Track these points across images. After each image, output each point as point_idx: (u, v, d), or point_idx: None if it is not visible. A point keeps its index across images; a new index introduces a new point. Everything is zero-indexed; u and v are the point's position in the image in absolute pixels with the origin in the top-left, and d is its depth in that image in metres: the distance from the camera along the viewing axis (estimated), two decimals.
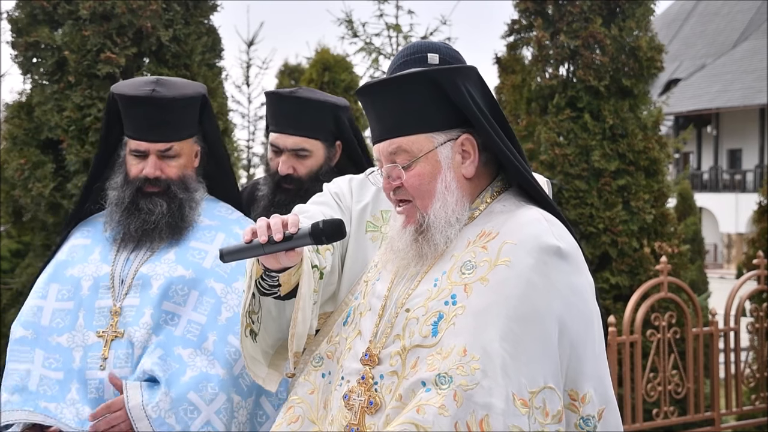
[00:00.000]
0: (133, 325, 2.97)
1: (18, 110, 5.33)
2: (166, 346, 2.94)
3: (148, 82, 3.07)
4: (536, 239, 2.13)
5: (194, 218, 3.10)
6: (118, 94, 3.07)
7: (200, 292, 3.01)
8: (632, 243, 6.51)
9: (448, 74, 2.19)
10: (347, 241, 2.72)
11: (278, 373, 2.62)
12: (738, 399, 6.32)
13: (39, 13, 5.20)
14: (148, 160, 3.05)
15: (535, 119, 6.81)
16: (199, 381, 2.91)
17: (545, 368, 2.06)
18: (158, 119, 3.03)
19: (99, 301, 3.03)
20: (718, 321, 6.24)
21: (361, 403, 2.21)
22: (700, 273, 13.73)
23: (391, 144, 2.22)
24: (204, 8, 5.42)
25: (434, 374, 2.06)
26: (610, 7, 6.73)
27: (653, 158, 6.68)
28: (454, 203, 2.20)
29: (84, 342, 3.01)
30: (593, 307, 2.22)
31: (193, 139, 3.15)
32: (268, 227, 2.23)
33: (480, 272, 2.13)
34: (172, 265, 3.03)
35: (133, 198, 3.06)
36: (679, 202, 16.36)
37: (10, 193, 5.30)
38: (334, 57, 9.70)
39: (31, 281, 5.33)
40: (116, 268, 3.06)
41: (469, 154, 2.22)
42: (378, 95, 2.23)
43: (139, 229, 3.05)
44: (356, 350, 2.29)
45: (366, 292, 2.39)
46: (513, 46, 7.09)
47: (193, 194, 3.12)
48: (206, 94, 3.15)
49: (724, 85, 34.28)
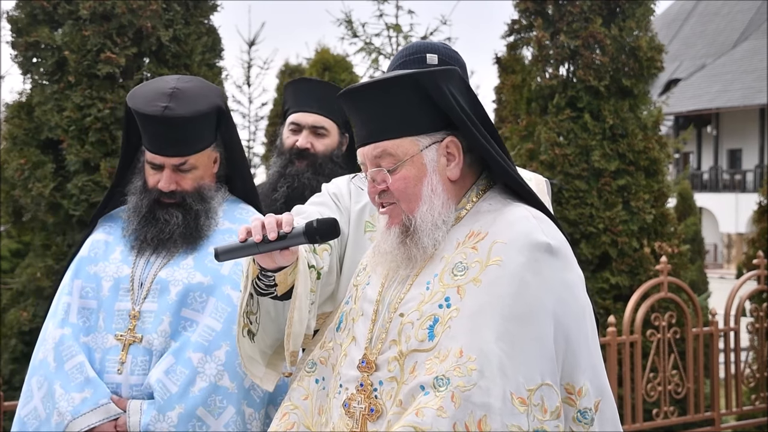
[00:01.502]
0: (151, 332, 2.96)
1: (18, 110, 5.33)
2: (179, 352, 2.93)
3: (163, 95, 3.00)
4: (526, 237, 2.14)
5: (211, 226, 3.09)
6: (132, 108, 3.03)
7: (217, 299, 3.00)
8: (632, 243, 6.51)
9: (431, 77, 2.18)
10: (346, 241, 2.73)
11: (276, 373, 2.62)
12: (738, 399, 6.32)
13: (39, 13, 5.21)
14: (163, 174, 3.03)
15: (535, 119, 6.82)
16: (208, 395, 2.90)
17: (542, 365, 2.07)
18: (171, 137, 3.00)
19: (119, 304, 3.02)
20: (718, 321, 6.24)
21: (362, 410, 2.20)
22: (700, 273, 13.73)
23: (376, 148, 2.21)
24: (204, 8, 5.43)
25: (432, 377, 2.07)
26: (610, 7, 6.73)
27: (653, 158, 6.68)
28: (440, 206, 2.20)
29: (103, 344, 3.00)
30: (584, 300, 2.23)
31: (210, 147, 3.10)
32: (262, 226, 2.23)
33: (472, 273, 2.13)
34: (191, 271, 3.02)
35: (150, 208, 3.05)
36: (679, 202, 16.36)
37: (10, 193, 5.30)
38: (334, 57, 9.70)
39: (31, 281, 5.38)
40: (136, 270, 3.05)
41: (453, 156, 2.23)
42: (362, 99, 2.22)
43: (155, 238, 3.04)
44: (352, 357, 2.27)
45: (357, 297, 2.38)
46: (513, 46, 7.09)
47: (210, 203, 3.09)
48: (223, 105, 3.09)
49: (724, 85, 34.28)
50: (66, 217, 5.27)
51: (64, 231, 5.33)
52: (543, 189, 2.81)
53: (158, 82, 3.11)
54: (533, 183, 2.79)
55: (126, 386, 2.96)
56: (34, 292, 5.34)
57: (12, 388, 5.18)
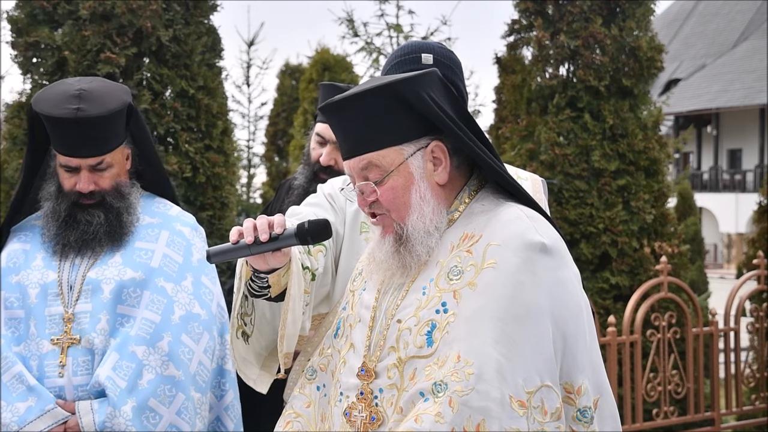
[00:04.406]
0: (90, 331, 2.98)
1: (18, 110, 5.33)
2: (122, 347, 2.96)
3: (71, 98, 2.99)
4: (519, 237, 2.12)
5: (134, 222, 3.12)
6: (41, 113, 3.01)
7: (151, 291, 3.03)
8: (632, 243, 6.51)
9: (410, 85, 2.15)
10: (341, 242, 2.73)
11: (270, 375, 2.62)
12: (738, 399, 6.32)
13: (39, 13, 5.21)
14: (81, 175, 3.03)
15: (535, 119, 6.81)
16: (157, 385, 2.95)
17: (541, 367, 2.06)
18: (86, 137, 2.99)
19: (49, 309, 3.02)
20: (718, 321, 6.24)
21: (363, 419, 2.19)
22: (700, 273, 13.73)
23: (361, 160, 2.18)
24: (204, 8, 5.43)
25: (430, 383, 2.06)
26: (610, 7, 6.73)
27: (653, 158, 6.68)
28: (430, 212, 2.19)
29: (38, 351, 3.00)
30: (581, 298, 2.21)
31: (123, 144, 3.12)
32: (254, 228, 2.22)
33: (467, 277, 2.12)
34: (121, 268, 3.04)
35: (69, 211, 3.06)
36: (679, 202, 16.35)
37: (10, 193, 5.30)
38: (335, 57, 9.71)
39: None
40: (63, 274, 3.05)
41: (440, 160, 2.20)
42: (342, 112, 2.20)
43: (79, 240, 3.05)
44: (351, 365, 2.26)
45: (354, 303, 2.36)
46: (513, 46, 7.09)
47: (129, 199, 3.12)
48: (132, 102, 3.11)
49: (724, 85, 34.28)
50: None
51: None
52: (539, 188, 2.81)
53: (61, 85, 3.11)
54: (529, 183, 2.79)
55: (70, 388, 2.96)
56: None
57: None
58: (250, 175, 13.03)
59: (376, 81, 2.21)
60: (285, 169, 13.06)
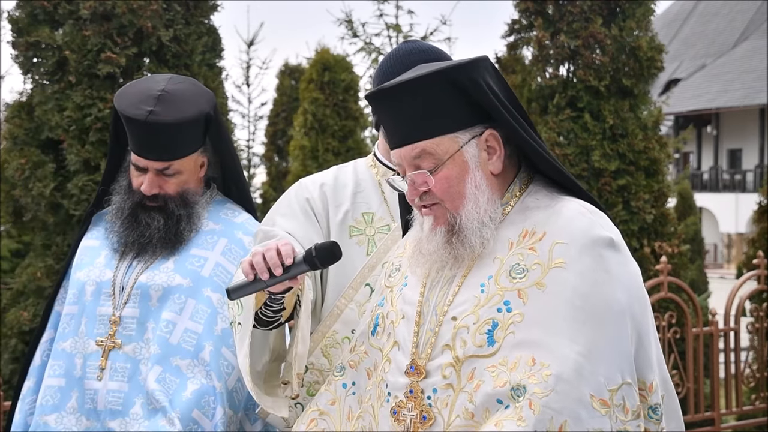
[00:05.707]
0: (134, 339, 2.93)
1: (18, 110, 5.34)
2: (164, 359, 2.89)
3: (150, 98, 2.91)
4: (587, 235, 2.06)
5: (191, 231, 3.03)
6: (117, 108, 2.97)
7: (197, 301, 2.95)
8: (632, 243, 6.51)
9: (466, 71, 2.08)
10: None
11: (282, 398, 2.58)
12: (738, 399, 6.32)
13: (39, 13, 5.21)
14: (146, 177, 2.96)
15: (536, 119, 6.82)
16: (201, 396, 2.86)
17: (621, 364, 2.00)
18: (155, 141, 2.92)
19: (100, 308, 2.99)
20: (718, 321, 6.23)
21: (412, 417, 2.11)
22: (700, 273, 13.74)
23: (414, 148, 2.11)
24: (204, 8, 5.43)
25: (507, 389, 1.99)
26: (610, 7, 6.73)
27: (653, 158, 6.68)
28: (485, 202, 2.11)
29: (85, 349, 2.96)
30: (646, 292, 2.17)
31: (197, 152, 3.02)
32: (264, 261, 2.26)
33: (534, 276, 2.05)
34: (171, 274, 2.97)
35: (132, 210, 3.01)
36: (679, 202, 16.36)
37: (11, 193, 5.30)
38: (334, 57, 9.70)
39: (31, 281, 5.37)
40: (118, 275, 3.01)
41: (494, 149, 2.13)
42: (394, 99, 2.12)
43: (137, 242, 3.00)
44: (398, 363, 2.17)
45: (394, 299, 2.26)
46: (513, 46, 7.09)
47: (193, 208, 3.03)
48: (211, 111, 2.99)
49: (724, 85, 34.29)
50: (66, 217, 5.27)
51: (64, 231, 5.33)
52: None
53: (148, 81, 3.03)
54: None
55: (103, 393, 2.92)
56: (35, 292, 5.34)
57: (12, 388, 5.18)
58: (250, 175, 13.04)
59: (429, 67, 2.14)
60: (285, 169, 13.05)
